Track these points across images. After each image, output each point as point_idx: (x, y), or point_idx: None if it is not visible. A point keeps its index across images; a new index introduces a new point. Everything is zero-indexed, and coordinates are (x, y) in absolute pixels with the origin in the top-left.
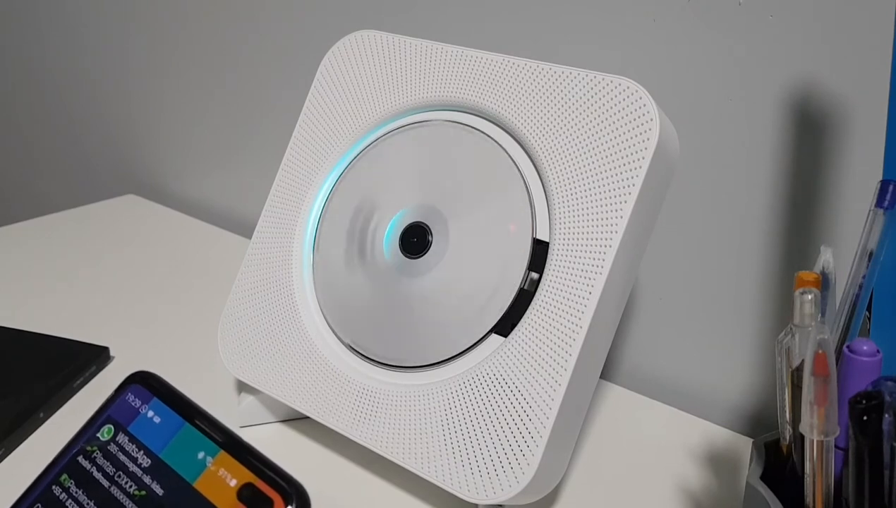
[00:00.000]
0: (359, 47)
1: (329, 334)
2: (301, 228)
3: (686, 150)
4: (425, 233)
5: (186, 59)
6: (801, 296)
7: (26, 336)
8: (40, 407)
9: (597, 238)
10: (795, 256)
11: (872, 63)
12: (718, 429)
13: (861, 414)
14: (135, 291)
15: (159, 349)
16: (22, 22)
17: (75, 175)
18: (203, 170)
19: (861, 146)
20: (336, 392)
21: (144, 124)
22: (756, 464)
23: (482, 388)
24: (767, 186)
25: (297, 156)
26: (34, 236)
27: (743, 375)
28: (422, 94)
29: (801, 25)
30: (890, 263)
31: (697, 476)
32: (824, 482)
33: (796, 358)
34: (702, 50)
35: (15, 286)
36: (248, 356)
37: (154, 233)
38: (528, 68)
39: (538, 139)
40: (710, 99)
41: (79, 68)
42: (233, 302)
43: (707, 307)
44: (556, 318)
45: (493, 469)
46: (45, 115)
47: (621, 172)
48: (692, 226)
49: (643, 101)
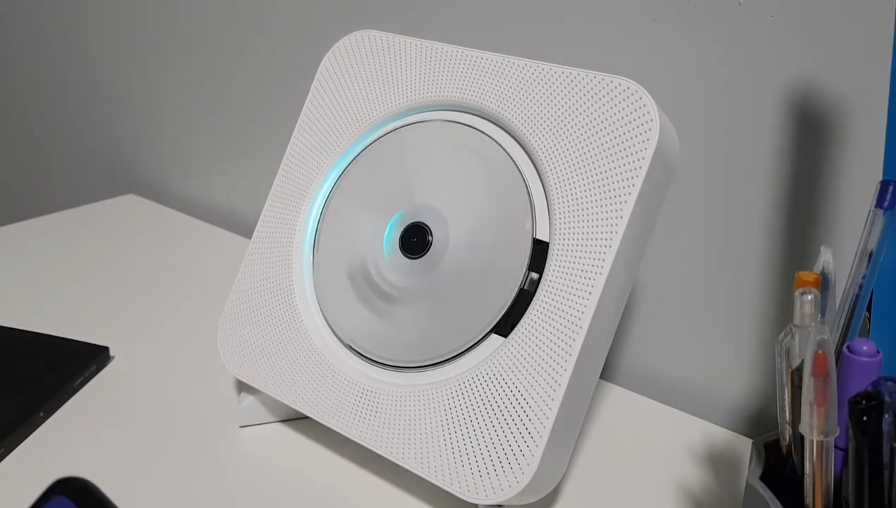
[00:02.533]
0: (359, 47)
1: (329, 334)
2: (301, 228)
3: (686, 150)
4: (425, 233)
5: (187, 59)
6: (801, 297)
7: (26, 336)
8: (40, 407)
9: (597, 238)
10: (795, 256)
11: (872, 63)
12: (718, 429)
13: (861, 414)
14: (135, 291)
15: (159, 349)
16: (22, 22)
17: (75, 175)
18: (203, 169)
19: (861, 146)
20: (336, 392)
21: (145, 124)
22: (756, 464)
23: (482, 388)
24: (767, 186)
25: (298, 156)
26: (34, 236)
27: (743, 375)
28: (422, 94)
29: (801, 25)
30: (890, 263)
31: (697, 477)
32: (824, 482)
33: (796, 358)
34: (702, 50)
35: (15, 286)
36: (248, 356)
37: (154, 233)
38: (528, 68)
39: (538, 139)
40: (710, 99)
41: (79, 68)
42: (233, 302)
43: (707, 307)
44: (556, 318)
45: (493, 469)
46: (46, 115)
47: (621, 172)
48: (692, 226)
49: (643, 101)
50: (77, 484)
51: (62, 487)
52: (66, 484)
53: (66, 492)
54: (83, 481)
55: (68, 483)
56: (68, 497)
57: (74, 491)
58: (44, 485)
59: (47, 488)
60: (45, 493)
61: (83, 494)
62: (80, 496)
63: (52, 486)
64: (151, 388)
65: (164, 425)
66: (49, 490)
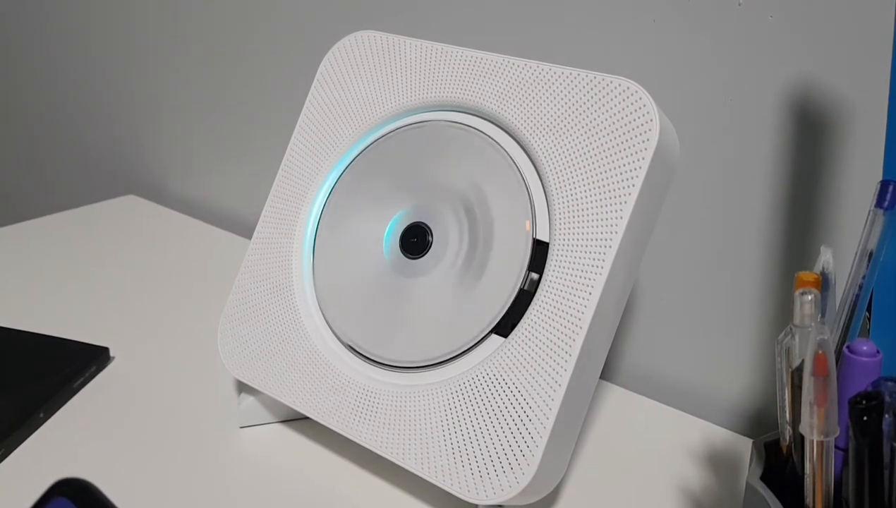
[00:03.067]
0: (359, 47)
1: (329, 334)
2: (301, 228)
3: (686, 150)
4: (425, 234)
5: (187, 60)
6: (801, 297)
7: (26, 336)
8: (40, 407)
9: (597, 238)
10: (795, 256)
11: (872, 63)
12: (718, 429)
13: (861, 414)
14: (135, 291)
15: (159, 349)
16: (22, 22)
17: (75, 175)
18: (203, 170)
19: (861, 146)
20: (336, 392)
21: (145, 124)
22: (756, 464)
23: (482, 388)
24: (767, 186)
25: (298, 157)
26: (34, 236)
27: (743, 375)
28: (422, 95)
29: (801, 25)
30: (890, 263)
31: (697, 477)
32: (824, 482)
33: (796, 358)
34: (702, 50)
35: (15, 286)
36: (248, 356)
37: (154, 233)
38: (528, 68)
39: (538, 139)
40: (710, 99)
41: (79, 68)
42: (233, 302)
43: (707, 307)
44: (556, 319)
45: (493, 469)
46: (46, 115)
47: (621, 173)
48: (692, 226)
49: (643, 101)
50: (78, 485)
51: (63, 488)
52: (66, 485)
53: (66, 493)
54: (84, 482)
55: (69, 484)
56: (69, 499)
57: (75, 492)
58: (44, 486)
59: (48, 489)
60: (46, 494)
61: (84, 495)
62: (80, 497)
63: (53, 487)
64: (151, 388)
65: (164, 425)
66: (49, 490)
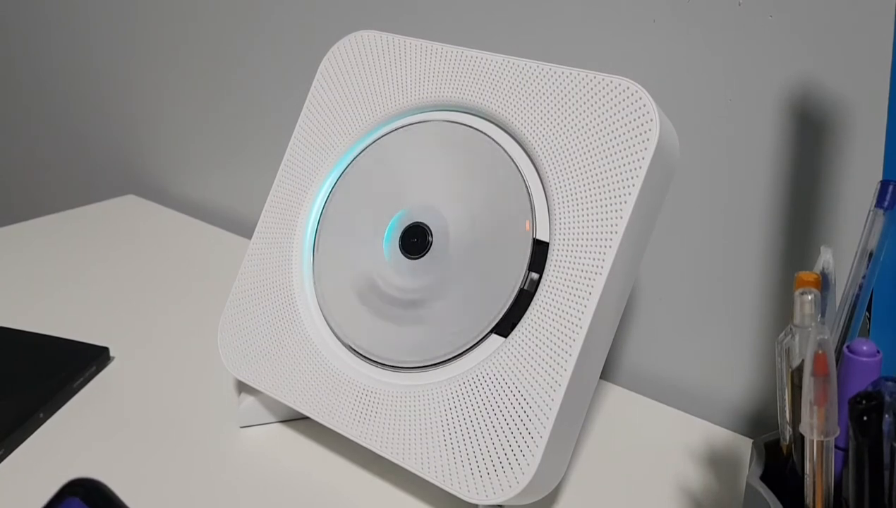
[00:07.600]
0: (359, 47)
1: (329, 334)
2: (301, 228)
3: (686, 150)
4: (425, 234)
5: (187, 60)
6: (801, 297)
7: (26, 336)
8: (40, 407)
9: (597, 238)
10: (795, 256)
11: (872, 63)
12: (718, 429)
13: (861, 414)
14: (135, 291)
15: (159, 349)
16: (22, 22)
17: (75, 175)
18: (203, 170)
19: (861, 146)
20: (336, 392)
21: (145, 125)
22: (756, 464)
23: (482, 388)
24: (767, 186)
25: (297, 157)
26: (34, 236)
27: (743, 375)
28: (422, 94)
29: (801, 25)
30: (890, 263)
31: (697, 477)
32: (824, 482)
33: (796, 358)
34: (701, 50)
35: (15, 286)
36: (248, 356)
37: (154, 233)
38: (528, 68)
39: (538, 139)
40: (710, 99)
41: (79, 68)
42: (233, 302)
43: (707, 307)
44: (556, 319)
45: (493, 469)
46: (46, 115)
47: (621, 172)
48: (692, 226)
49: (643, 101)
50: (90, 486)
51: (75, 488)
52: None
53: (78, 493)
54: (96, 482)
55: (81, 485)
56: (81, 499)
57: (87, 493)
58: (44, 486)
59: (59, 489)
60: (58, 494)
61: (96, 496)
62: (92, 497)
63: (65, 487)
64: (151, 388)
65: (164, 425)
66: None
